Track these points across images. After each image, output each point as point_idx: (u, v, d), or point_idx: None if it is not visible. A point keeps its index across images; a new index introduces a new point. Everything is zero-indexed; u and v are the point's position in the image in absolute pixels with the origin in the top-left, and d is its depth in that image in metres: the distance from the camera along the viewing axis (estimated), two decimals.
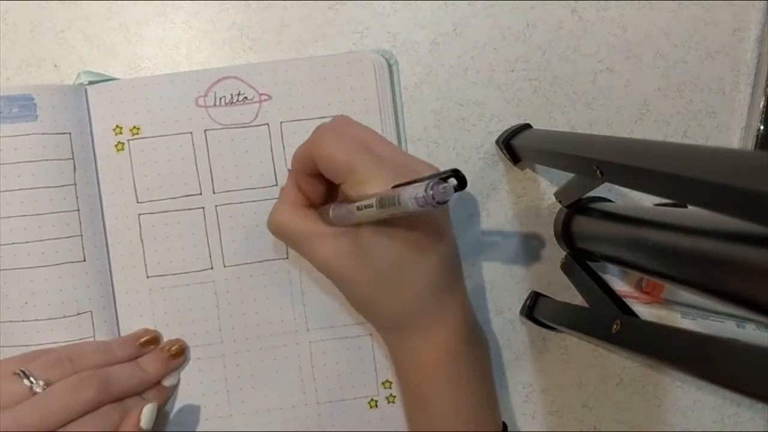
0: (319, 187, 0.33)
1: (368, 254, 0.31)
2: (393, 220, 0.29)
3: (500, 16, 0.39)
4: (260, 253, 0.38)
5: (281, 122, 0.37)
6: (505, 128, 0.39)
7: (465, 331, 0.33)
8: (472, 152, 0.39)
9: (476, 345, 0.34)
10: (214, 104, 0.37)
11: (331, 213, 0.32)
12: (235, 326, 0.37)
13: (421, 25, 0.38)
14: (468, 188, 0.39)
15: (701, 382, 0.29)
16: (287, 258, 0.38)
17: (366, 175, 0.29)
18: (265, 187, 0.37)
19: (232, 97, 0.37)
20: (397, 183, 0.27)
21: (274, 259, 0.38)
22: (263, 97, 0.37)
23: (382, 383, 0.38)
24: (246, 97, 0.37)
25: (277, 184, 0.37)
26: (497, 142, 0.39)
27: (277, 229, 0.34)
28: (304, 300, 0.38)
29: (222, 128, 0.37)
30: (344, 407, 0.38)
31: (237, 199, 0.37)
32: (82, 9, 0.37)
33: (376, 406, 0.38)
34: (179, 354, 0.37)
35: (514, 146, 0.37)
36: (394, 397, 0.38)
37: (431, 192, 0.24)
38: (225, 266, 0.37)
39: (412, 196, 0.24)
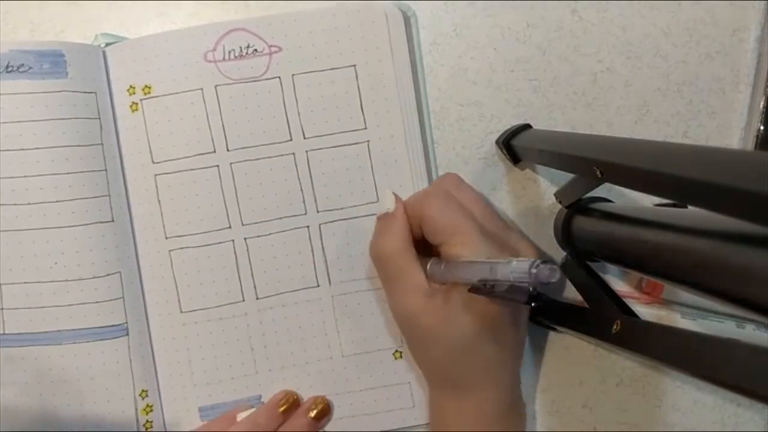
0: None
1: (452, 321, 0.32)
2: (483, 298, 0.30)
3: (500, 16, 0.39)
4: (278, 209, 0.37)
5: (293, 75, 0.37)
6: (505, 128, 0.38)
7: (511, 405, 0.35)
8: (472, 152, 0.39)
9: (517, 418, 0.36)
10: (224, 58, 0.36)
11: (428, 268, 0.33)
12: (257, 284, 0.37)
13: (421, 25, 0.38)
14: None
15: (701, 382, 0.29)
16: (305, 214, 0.37)
17: (466, 240, 0.32)
18: (279, 143, 0.37)
19: (241, 50, 0.36)
20: (491, 255, 0.31)
21: (293, 215, 0.37)
22: (273, 49, 0.37)
23: None
24: (256, 50, 0.36)
25: (291, 139, 0.37)
26: (497, 142, 0.39)
27: (384, 257, 0.34)
28: (325, 254, 0.38)
29: (233, 83, 0.37)
30: (369, 359, 0.38)
31: (252, 155, 0.37)
32: (82, 9, 0.37)
33: (401, 357, 0.38)
34: (323, 415, 0.37)
35: (514, 146, 0.37)
36: None
37: (535, 271, 0.25)
38: (243, 224, 0.37)
39: (519, 270, 0.26)
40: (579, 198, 0.36)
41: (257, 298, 0.37)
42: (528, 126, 0.38)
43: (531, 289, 0.26)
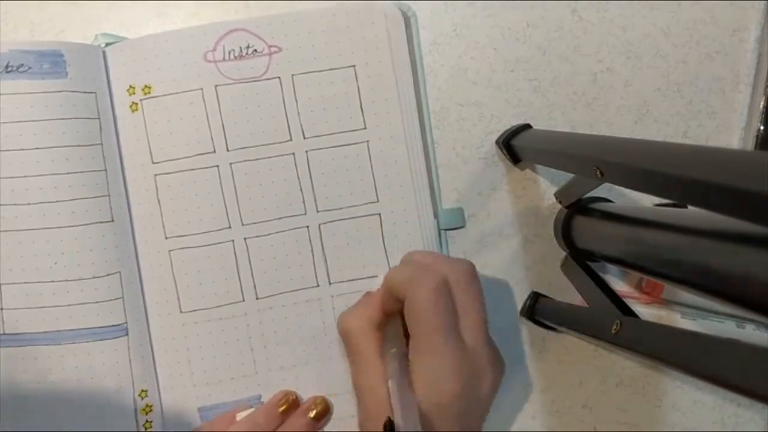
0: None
1: None
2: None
3: (500, 16, 0.39)
4: (278, 209, 0.37)
5: (293, 75, 0.37)
6: (505, 128, 0.39)
7: None
8: (472, 152, 0.39)
9: None
10: (224, 58, 0.36)
11: (389, 360, 0.33)
12: (257, 284, 0.37)
13: (421, 25, 0.38)
14: (468, 188, 0.39)
15: (701, 382, 0.29)
16: (305, 214, 0.37)
17: (431, 347, 0.30)
18: (279, 143, 0.37)
19: (241, 50, 0.36)
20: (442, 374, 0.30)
21: (293, 215, 0.37)
22: (273, 50, 0.37)
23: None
24: (255, 50, 0.36)
25: (291, 139, 0.37)
26: (497, 142, 0.39)
27: (345, 333, 0.35)
28: (325, 254, 0.38)
29: (232, 83, 0.36)
30: None
31: (252, 155, 0.37)
32: (82, 9, 0.37)
33: None
34: (323, 415, 0.37)
35: (514, 146, 0.37)
36: None
37: None
38: (243, 224, 0.37)
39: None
40: (579, 198, 0.36)
41: (257, 298, 0.37)
42: (528, 126, 0.38)
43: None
